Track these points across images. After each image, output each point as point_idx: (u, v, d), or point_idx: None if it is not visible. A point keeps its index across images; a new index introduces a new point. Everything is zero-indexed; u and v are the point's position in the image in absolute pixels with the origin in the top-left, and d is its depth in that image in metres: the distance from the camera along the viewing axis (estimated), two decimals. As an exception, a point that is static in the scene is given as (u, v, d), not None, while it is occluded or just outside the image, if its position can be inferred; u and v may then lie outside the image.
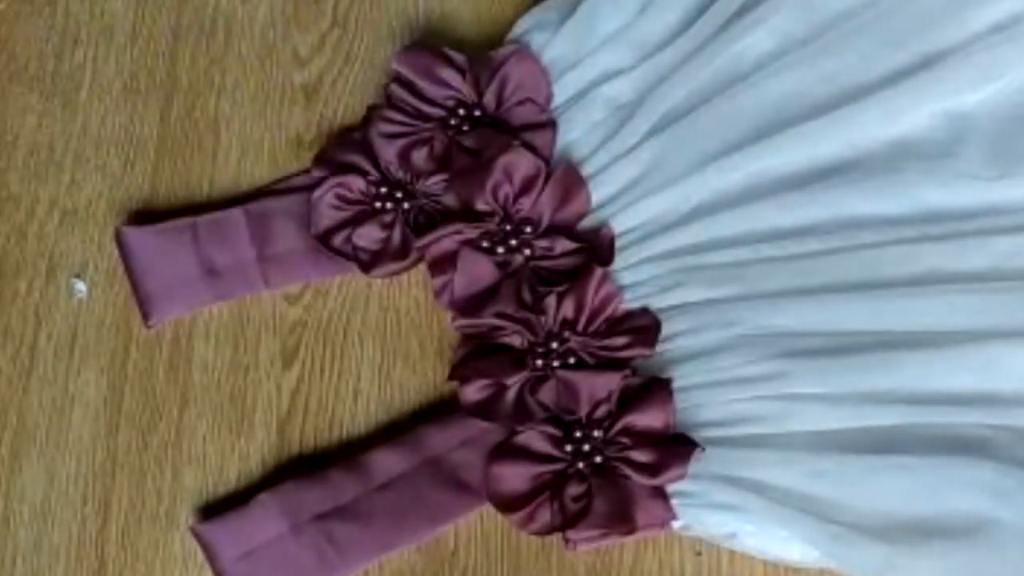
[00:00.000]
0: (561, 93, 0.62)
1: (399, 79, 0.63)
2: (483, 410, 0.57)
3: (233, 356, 0.60)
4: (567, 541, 0.55)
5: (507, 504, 0.55)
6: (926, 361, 0.53)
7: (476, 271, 0.59)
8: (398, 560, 0.56)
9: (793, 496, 0.53)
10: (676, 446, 0.54)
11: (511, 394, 0.57)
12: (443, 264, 0.60)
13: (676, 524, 0.55)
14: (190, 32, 0.66)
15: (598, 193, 0.60)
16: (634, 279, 0.58)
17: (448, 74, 0.62)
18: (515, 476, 0.55)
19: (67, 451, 0.59)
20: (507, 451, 0.56)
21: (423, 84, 0.62)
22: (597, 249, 0.59)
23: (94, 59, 0.66)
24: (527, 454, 0.56)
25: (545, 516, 0.55)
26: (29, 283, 0.62)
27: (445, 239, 0.59)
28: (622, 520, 0.54)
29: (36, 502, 0.58)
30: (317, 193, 0.61)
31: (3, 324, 0.61)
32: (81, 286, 0.61)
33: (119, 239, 0.61)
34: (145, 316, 0.60)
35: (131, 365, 0.60)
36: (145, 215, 0.63)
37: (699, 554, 0.56)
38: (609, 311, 0.58)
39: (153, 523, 0.57)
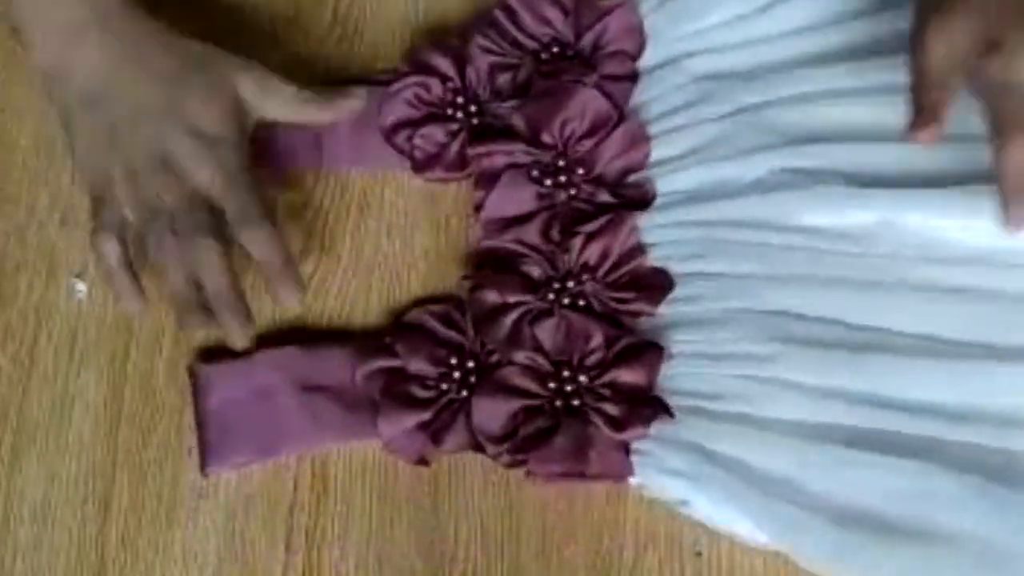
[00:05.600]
0: (652, 56, 0.63)
1: (505, 6, 0.64)
2: (484, 321, 0.58)
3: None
4: (527, 472, 0.55)
5: (488, 439, 0.55)
6: (926, 369, 0.53)
7: (516, 195, 0.60)
8: (398, 560, 0.56)
9: (749, 473, 0.53)
10: (644, 406, 0.55)
11: (509, 319, 0.57)
12: (488, 179, 0.61)
13: (633, 481, 0.55)
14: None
15: (657, 152, 0.60)
16: (661, 239, 0.59)
17: (552, 13, 0.64)
18: (496, 411, 0.56)
19: (67, 451, 0.58)
20: (490, 386, 0.56)
21: (526, 17, 0.64)
22: (635, 203, 0.60)
23: (95, 59, 0.66)
24: (508, 389, 0.56)
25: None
26: (29, 283, 0.62)
27: (498, 155, 0.61)
28: (578, 460, 0.54)
29: (36, 502, 0.58)
30: (395, 87, 0.62)
31: (3, 324, 0.61)
32: (81, 286, 0.61)
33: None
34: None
35: (131, 365, 0.60)
36: (145, 215, 0.63)
37: (699, 554, 0.56)
38: (630, 265, 0.58)
39: (153, 523, 0.57)
